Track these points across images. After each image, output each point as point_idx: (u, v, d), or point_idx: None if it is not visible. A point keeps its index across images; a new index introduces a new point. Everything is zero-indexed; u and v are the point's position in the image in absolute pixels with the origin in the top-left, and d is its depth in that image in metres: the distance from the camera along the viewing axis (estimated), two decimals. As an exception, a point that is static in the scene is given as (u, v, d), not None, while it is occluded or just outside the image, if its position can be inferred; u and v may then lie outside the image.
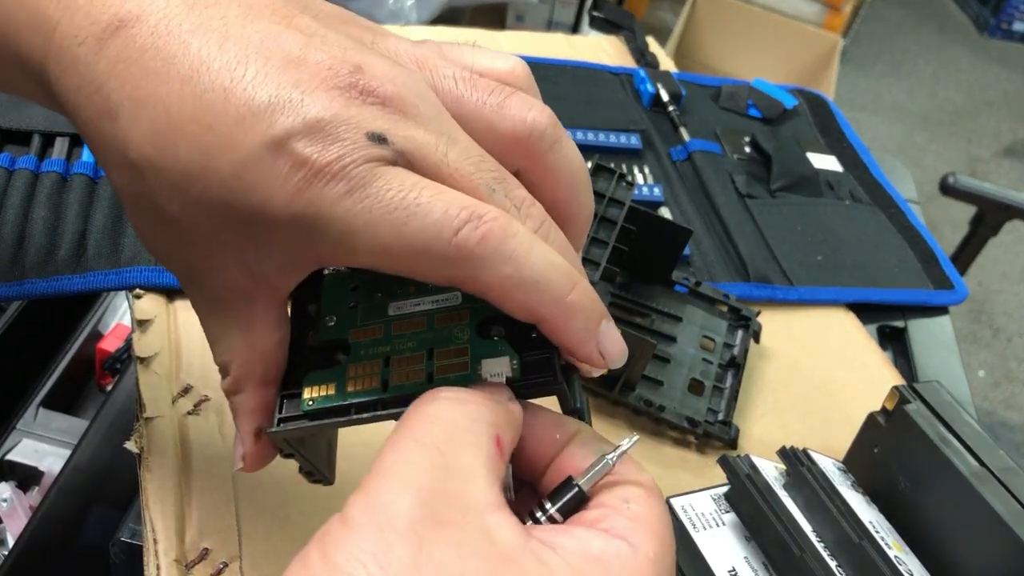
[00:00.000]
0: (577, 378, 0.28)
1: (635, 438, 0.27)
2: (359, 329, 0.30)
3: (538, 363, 0.27)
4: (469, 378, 0.27)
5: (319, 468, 0.32)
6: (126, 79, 0.25)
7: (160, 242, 0.28)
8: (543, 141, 0.28)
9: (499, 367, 0.27)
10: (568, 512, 0.25)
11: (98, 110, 0.25)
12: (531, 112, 0.28)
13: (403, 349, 0.28)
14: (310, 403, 0.28)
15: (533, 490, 0.28)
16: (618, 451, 0.26)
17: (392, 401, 0.27)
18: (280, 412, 0.29)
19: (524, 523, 0.25)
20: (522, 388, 0.27)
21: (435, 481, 0.22)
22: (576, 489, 0.26)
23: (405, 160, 0.25)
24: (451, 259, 0.24)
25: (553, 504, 0.25)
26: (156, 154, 0.25)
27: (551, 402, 0.28)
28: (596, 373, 0.28)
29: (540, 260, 0.25)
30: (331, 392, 0.28)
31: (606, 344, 0.27)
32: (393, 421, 0.27)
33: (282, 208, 0.24)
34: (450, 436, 0.24)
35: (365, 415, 0.27)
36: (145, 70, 0.25)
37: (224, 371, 0.29)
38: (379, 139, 0.24)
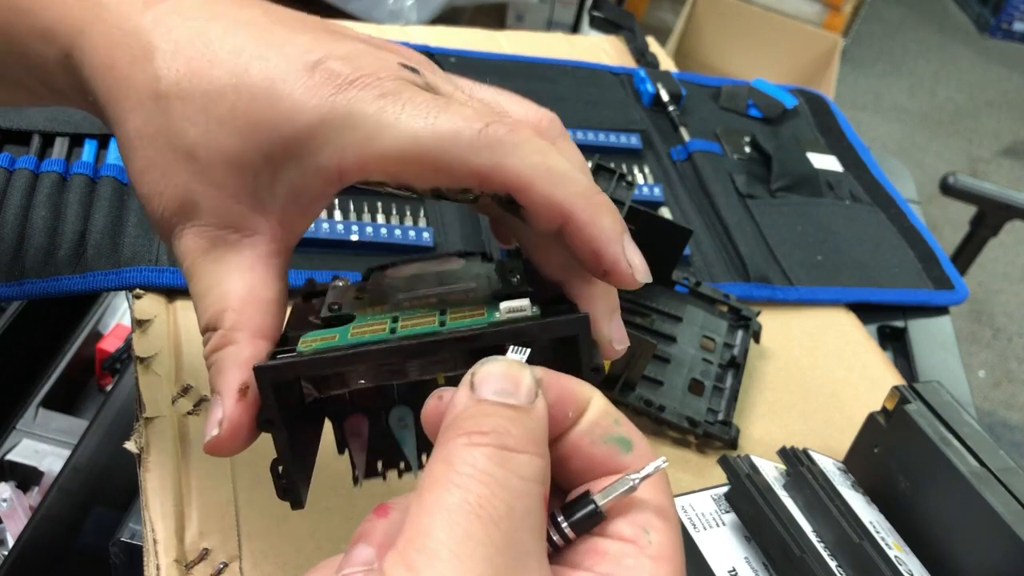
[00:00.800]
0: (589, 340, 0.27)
1: (662, 462, 0.25)
2: (366, 308, 0.28)
3: (560, 309, 0.27)
4: (484, 321, 0.26)
5: (295, 471, 0.28)
6: (170, 26, 0.27)
7: (164, 178, 0.27)
8: (551, 131, 0.31)
9: (518, 307, 0.26)
10: (582, 530, 0.24)
11: (134, 55, 0.27)
12: (541, 109, 0.31)
13: (412, 311, 0.27)
14: (306, 346, 0.26)
15: None
16: (642, 474, 0.24)
17: (398, 347, 0.25)
18: (272, 358, 0.26)
19: None
20: (543, 325, 0.25)
21: (496, 567, 0.20)
22: (593, 507, 0.24)
23: (433, 91, 0.27)
24: (480, 146, 0.25)
25: (567, 519, 0.24)
26: (187, 80, 0.26)
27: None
28: (617, 346, 0.28)
29: (565, 160, 0.27)
30: (333, 340, 0.26)
31: (631, 253, 0.27)
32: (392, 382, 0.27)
33: (311, 110, 0.26)
34: (509, 507, 0.21)
35: (367, 356, 0.25)
36: (189, 20, 0.27)
37: (214, 324, 0.27)
38: (412, 69, 0.27)
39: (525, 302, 0.26)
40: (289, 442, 0.27)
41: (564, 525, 0.24)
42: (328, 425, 0.31)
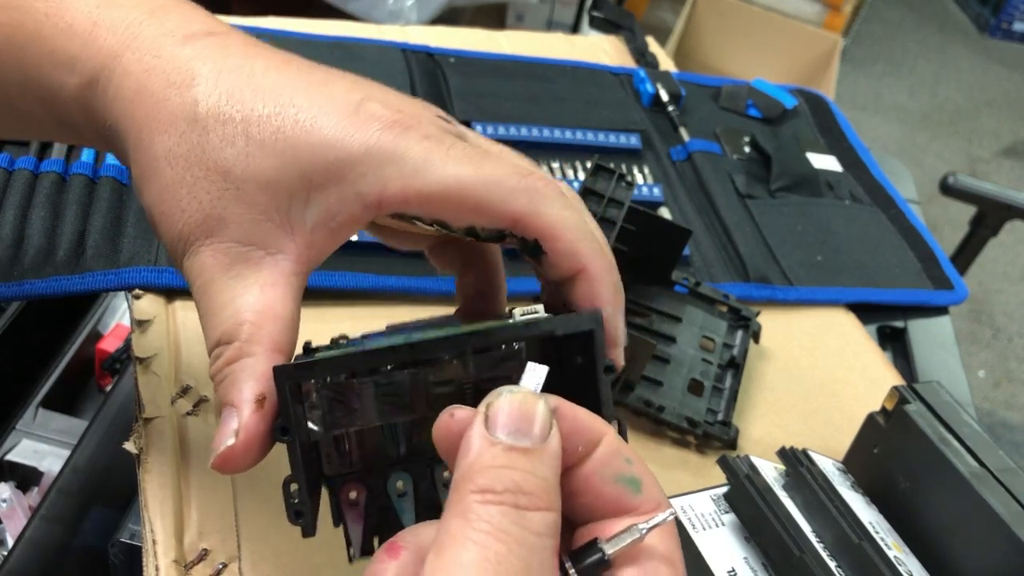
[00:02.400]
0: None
1: (670, 513, 0.25)
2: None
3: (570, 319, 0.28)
4: (499, 327, 0.27)
5: (303, 491, 0.28)
6: (212, 59, 0.28)
7: (191, 194, 0.28)
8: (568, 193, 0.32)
9: (532, 311, 0.28)
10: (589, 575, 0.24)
11: (171, 80, 0.28)
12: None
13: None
14: (322, 356, 0.27)
15: None
16: (651, 524, 0.25)
17: (415, 348, 0.26)
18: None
19: None
20: (557, 321, 0.27)
21: None
22: (600, 555, 0.24)
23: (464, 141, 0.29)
24: (520, 191, 0.28)
25: (575, 565, 0.24)
26: (228, 105, 0.27)
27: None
28: (617, 346, 0.30)
29: (591, 220, 0.30)
30: (349, 350, 0.27)
31: (620, 324, 0.30)
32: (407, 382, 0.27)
33: (358, 141, 0.27)
34: (527, 563, 0.22)
35: (383, 358, 0.26)
36: (231, 56, 0.28)
37: (230, 337, 0.27)
38: (445, 120, 0.29)
39: (539, 307, 0.28)
40: (303, 456, 0.27)
41: (572, 573, 0.24)
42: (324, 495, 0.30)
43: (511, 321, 0.27)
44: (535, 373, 0.25)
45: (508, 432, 0.24)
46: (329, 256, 0.29)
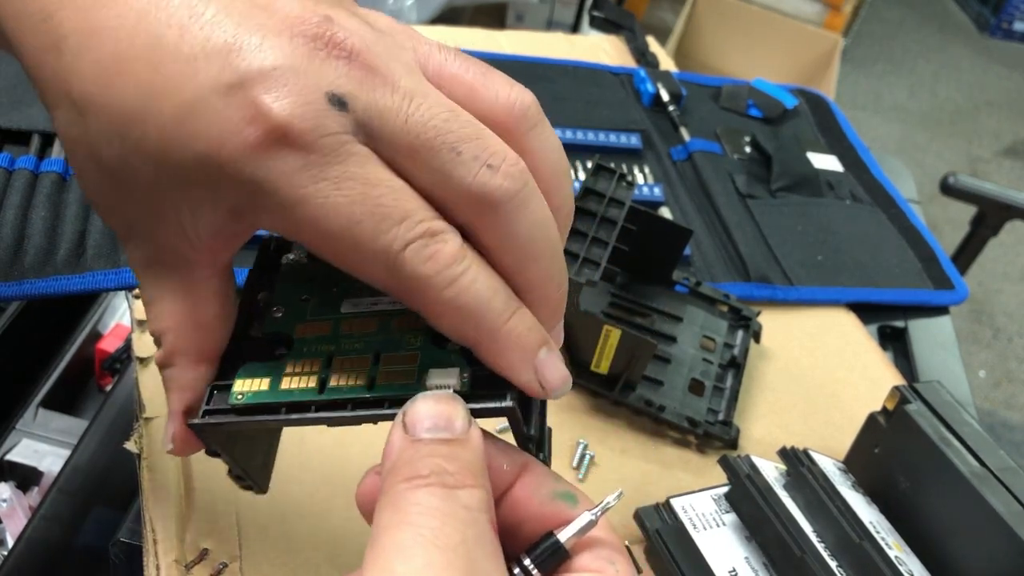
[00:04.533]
0: (538, 401, 0.27)
1: (620, 492, 0.26)
2: (306, 324, 0.28)
3: (490, 379, 0.25)
4: (413, 388, 0.25)
5: (250, 473, 0.30)
6: (79, 9, 0.23)
7: (100, 192, 0.26)
8: (525, 120, 0.26)
9: (447, 379, 0.25)
10: (548, 569, 0.25)
11: (44, 42, 0.24)
12: (515, 90, 0.27)
13: (348, 350, 0.27)
14: (239, 397, 0.26)
15: None
16: (602, 506, 0.25)
17: (326, 404, 0.26)
18: (207, 403, 0.27)
19: None
20: (471, 401, 0.25)
21: None
22: (558, 546, 0.24)
23: (365, 133, 0.23)
24: (394, 269, 0.23)
25: (534, 560, 0.24)
26: (98, 92, 0.23)
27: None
28: (552, 393, 0.26)
29: (484, 287, 0.24)
30: (264, 387, 0.26)
31: (545, 373, 0.25)
32: (327, 426, 0.26)
33: (227, 161, 0.23)
34: (461, 534, 0.22)
35: (295, 416, 0.26)
36: (100, 1, 0.23)
37: (157, 340, 0.27)
38: (340, 103, 0.23)
39: (454, 376, 0.25)
40: (238, 459, 0.29)
41: (531, 567, 0.24)
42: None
43: (426, 384, 0.25)
44: (446, 375, 0.25)
45: (427, 429, 0.24)
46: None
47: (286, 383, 0.26)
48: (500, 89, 0.26)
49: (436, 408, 0.24)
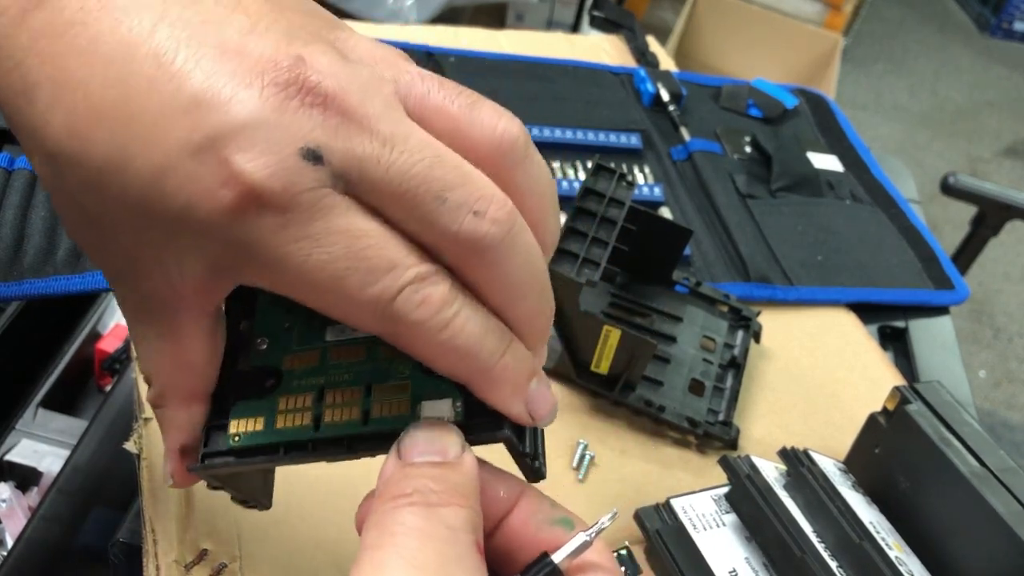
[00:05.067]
0: None
1: (614, 512, 0.26)
2: (293, 355, 0.28)
3: (484, 406, 0.25)
4: (407, 419, 0.25)
5: (254, 496, 0.30)
6: (47, 56, 0.22)
7: (85, 239, 0.25)
8: (512, 155, 0.25)
9: (439, 410, 0.25)
10: None
11: (16, 89, 0.23)
12: (502, 121, 0.25)
13: (339, 382, 0.26)
14: (236, 439, 0.26)
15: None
16: (597, 527, 0.25)
17: (322, 442, 0.26)
18: (205, 446, 0.27)
19: None
20: (464, 435, 0.25)
21: None
22: (552, 567, 0.25)
23: (344, 183, 0.23)
24: (385, 318, 0.23)
25: None
26: (73, 145, 0.22)
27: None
28: (540, 422, 0.26)
29: (476, 327, 0.24)
30: (259, 427, 0.26)
31: (534, 406, 0.26)
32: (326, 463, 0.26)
33: (205, 221, 0.22)
34: (440, 555, 0.22)
35: (293, 455, 0.26)
36: (69, 48, 0.22)
37: (148, 380, 0.27)
38: (315, 157, 0.22)
39: (446, 407, 0.25)
40: (241, 488, 0.30)
41: None
42: None
43: (419, 415, 0.26)
44: (439, 407, 0.25)
45: (420, 454, 0.24)
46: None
47: (280, 421, 0.26)
48: (486, 122, 0.25)
49: (430, 436, 0.25)
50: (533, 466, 0.27)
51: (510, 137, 0.25)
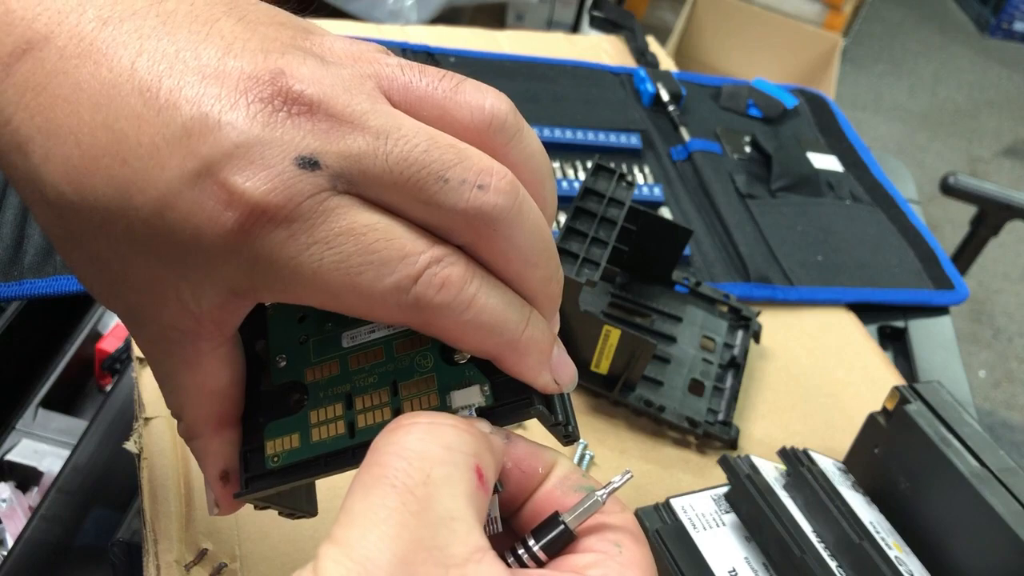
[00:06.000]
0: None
1: (628, 474, 0.25)
2: (314, 367, 0.28)
3: (511, 385, 0.26)
4: (439, 411, 0.25)
5: (300, 507, 0.30)
6: (35, 109, 0.23)
7: (96, 283, 0.26)
8: (504, 132, 0.25)
9: (470, 398, 0.26)
10: (553, 551, 0.24)
11: (8, 143, 0.23)
12: (488, 99, 0.25)
13: (365, 386, 0.27)
14: (275, 460, 0.27)
15: (507, 525, 0.26)
16: (609, 488, 0.25)
17: (360, 448, 0.25)
18: (246, 471, 0.27)
19: (504, 558, 0.24)
20: (497, 416, 0.25)
21: (413, 531, 0.21)
22: (563, 527, 0.24)
23: (344, 182, 0.23)
24: (408, 307, 0.23)
25: (537, 541, 0.24)
26: (72, 193, 0.22)
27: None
28: (565, 388, 0.27)
29: (498, 301, 0.24)
30: (296, 445, 0.26)
31: (559, 372, 0.26)
32: None
33: (213, 246, 0.22)
34: (425, 474, 0.22)
35: (335, 465, 0.26)
36: (54, 98, 0.22)
37: (177, 415, 0.28)
38: (311, 163, 0.22)
39: (476, 393, 0.26)
40: (286, 504, 0.29)
41: (535, 547, 0.24)
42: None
43: (450, 406, 0.26)
44: (469, 395, 0.26)
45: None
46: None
47: (316, 435, 0.26)
48: (473, 102, 0.25)
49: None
50: (567, 431, 0.27)
51: (500, 114, 0.25)
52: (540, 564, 0.24)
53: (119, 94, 0.22)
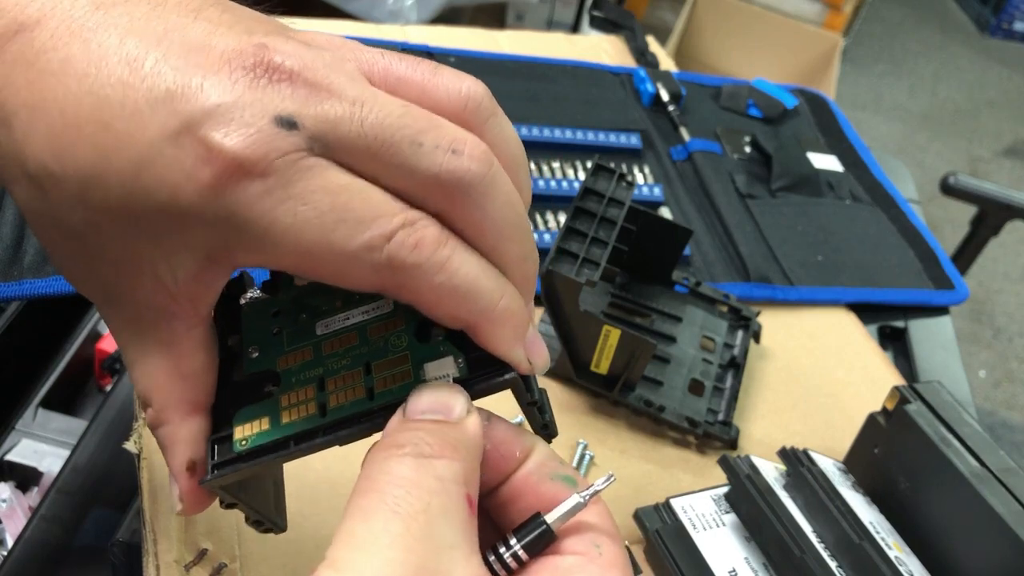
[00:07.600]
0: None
1: (611, 477, 0.26)
2: (287, 355, 0.28)
3: (485, 359, 0.26)
4: (412, 386, 0.25)
5: (267, 515, 0.30)
6: (21, 84, 0.23)
7: (70, 262, 0.26)
8: (479, 113, 0.26)
9: (444, 368, 0.26)
10: (534, 551, 0.25)
11: None
12: (465, 83, 0.26)
13: (337, 368, 0.26)
14: (243, 443, 0.26)
15: (481, 506, 0.26)
16: (591, 490, 0.25)
17: (333, 425, 0.25)
18: (213, 458, 0.27)
19: (486, 557, 0.24)
20: (472, 387, 0.25)
21: (419, 556, 0.21)
22: (544, 527, 0.25)
23: (321, 145, 0.23)
24: (382, 266, 0.23)
25: (519, 541, 0.25)
26: (53, 162, 0.23)
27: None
28: (538, 367, 0.27)
29: (473, 267, 0.24)
30: (265, 427, 0.26)
31: (532, 351, 0.26)
32: (339, 447, 0.26)
33: (190, 205, 0.23)
34: (425, 503, 0.22)
35: (304, 445, 0.26)
36: (41, 73, 0.23)
37: (146, 401, 0.27)
38: (288, 123, 0.23)
39: (449, 364, 0.26)
40: (253, 504, 0.29)
41: (517, 547, 0.24)
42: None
43: (424, 379, 0.26)
44: (443, 365, 0.26)
45: (423, 412, 0.25)
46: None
47: (286, 416, 0.26)
48: (451, 85, 0.26)
49: (436, 394, 0.25)
50: (542, 418, 0.27)
51: (476, 96, 0.26)
52: (521, 563, 0.25)
53: (106, 64, 0.23)
